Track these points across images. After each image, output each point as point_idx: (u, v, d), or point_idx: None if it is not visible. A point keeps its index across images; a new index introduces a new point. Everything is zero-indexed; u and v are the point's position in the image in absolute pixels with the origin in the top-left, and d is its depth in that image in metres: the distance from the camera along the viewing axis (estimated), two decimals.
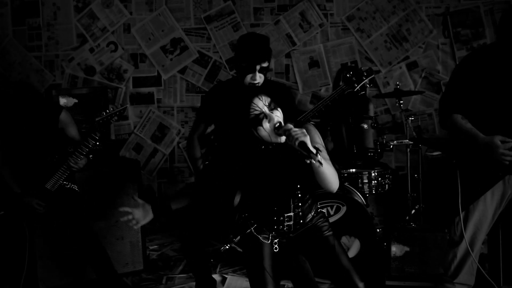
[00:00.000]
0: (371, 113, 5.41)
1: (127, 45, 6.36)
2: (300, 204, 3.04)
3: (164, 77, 6.42)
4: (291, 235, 3.10)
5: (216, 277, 4.72)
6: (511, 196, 3.64)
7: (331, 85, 6.11)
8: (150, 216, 3.02)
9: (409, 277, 4.35)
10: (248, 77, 3.91)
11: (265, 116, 2.82)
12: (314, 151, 2.67)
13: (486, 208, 3.67)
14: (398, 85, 5.36)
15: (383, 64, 6.27)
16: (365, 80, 4.27)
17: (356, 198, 4.66)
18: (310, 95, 6.33)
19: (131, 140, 6.44)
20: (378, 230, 5.14)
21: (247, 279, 4.62)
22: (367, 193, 5.00)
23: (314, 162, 2.66)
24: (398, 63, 6.28)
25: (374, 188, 4.99)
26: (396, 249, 4.41)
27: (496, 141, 3.46)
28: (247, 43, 3.99)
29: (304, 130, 2.72)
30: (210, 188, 3.14)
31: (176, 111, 6.41)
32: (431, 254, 4.35)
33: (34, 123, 4.06)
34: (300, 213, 3.05)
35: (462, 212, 3.68)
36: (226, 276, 4.78)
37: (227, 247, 5.14)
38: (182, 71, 6.41)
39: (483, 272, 3.80)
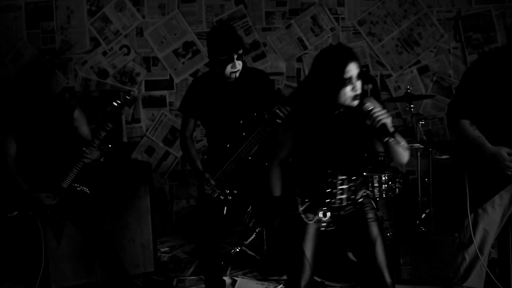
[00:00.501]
0: None
1: (140, 48, 6.41)
2: (354, 178, 3.12)
3: (176, 80, 6.46)
4: (342, 212, 3.16)
5: (227, 279, 4.73)
6: None
7: None
8: None
9: (419, 281, 4.35)
10: (229, 67, 3.97)
11: (351, 82, 2.91)
12: (392, 130, 2.88)
13: (495, 211, 3.66)
14: (409, 89, 5.37)
15: (394, 68, 6.29)
16: None
17: None
18: None
19: (143, 143, 6.48)
20: (388, 234, 5.14)
21: (257, 282, 4.67)
22: (377, 197, 5.01)
23: (392, 139, 2.88)
24: (410, 67, 6.32)
25: (384, 192, 5.00)
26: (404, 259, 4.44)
27: (502, 153, 3.47)
28: (218, 36, 4.01)
29: (385, 111, 2.91)
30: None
31: None
32: (441, 258, 4.35)
33: (50, 119, 4.06)
34: (353, 188, 3.13)
35: (471, 214, 3.68)
36: (236, 278, 4.79)
37: (237, 250, 5.17)
38: (194, 75, 6.43)
39: (491, 276, 3.79)
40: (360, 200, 3.17)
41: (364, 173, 3.26)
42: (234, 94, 4.05)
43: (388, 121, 2.89)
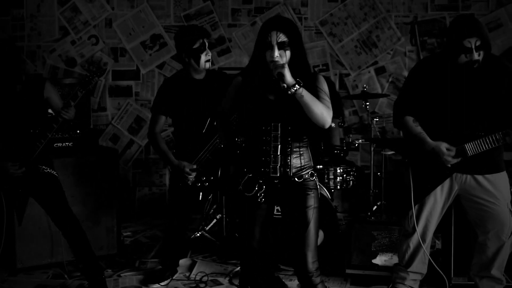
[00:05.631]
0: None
1: (108, 39, 6.55)
2: (289, 149, 3.15)
3: (142, 71, 6.61)
4: (276, 181, 3.17)
5: (187, 261, 4.95)
6: (458, 191, 3.91)
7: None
8: None
9: (368, 266, 4.55)
10: (203, 56, 4.31)
11: (271, 47, 3.07)
12: (291, 82, 2.94)
13: (436, 203, 3.91)
14: (365, 87, 5.64)
15: (353, 67, 6.53)
16: None
17: (322, 192, 4.86)
18: None
19: (108, 131, 6.63)
20: (342, 224, 5.40)
21: (216, 264, 4.90)
22: (332, 189, 5.24)
23: (294, 91, 2.94)
24: (367, 67, 6.51)
25: (339, 184, 5.22)
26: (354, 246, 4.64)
27: (442, 148, 3.75)
28: (187, 29, 4.46)
29: (284, 64, 3.00)
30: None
31: None
32: (387, 245, 4.57)
33: (20, 96, 4.08)
34: (288, 160, 3.15)
35: (414, 206, 3.98)
36: (196, 260, 5.00)
37: (198, 235, 5.38)
38: (160, 66, 6.61)
39: (433, 263, 4.05)
40: (297, 179, 3.18)
41: (302, 149, 3.22)
42: (202, 92, 4.36)
43: (283, 71, 2.95)
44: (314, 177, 3.24)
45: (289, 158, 3.15)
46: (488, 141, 3.71)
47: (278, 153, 3.13)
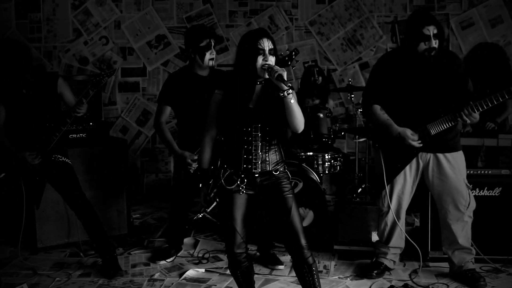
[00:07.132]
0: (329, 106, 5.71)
1: (117, 39, 6.56)
2: (267, 147, 3.18)
3: (149, 68, 6.62)
4: (256, 176, 3.19)
5: (190, 240, 5.00)
6: (422, 169, 3.98)
7: (294, 80, 6.42)
8: None
9: (353, 242, 4.60)
10: (208, 54, 4.29)
11: (263, 53, 3.08)
12: (289, 84, 2.97)
13: (406, 181, 3.99)
14: (350, 81, 5.67)
15: (339, 63, 6.55)
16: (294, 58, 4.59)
17: (312, 176, 4.91)
18: None
19: (118, 123, 6.65)
20: (330, 205, 5.44)
21: (217, 242, 4.94)
22: (321, 173, 5.26)
23: (286, 94, 2.96)
24: (352, 63, 6.53)
25: (327, 169, 5.25)
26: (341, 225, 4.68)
27: (407, 133, 3.84)
28: (196, 28, 4.42)
29: (284, 68, 3.01)
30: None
31: None
32: (370, 223, 4.62)
33: (36, 91, 4.11)
34: (267, 157, 3.18)
35: (387, 186, 4.03)
36: (199, 239, 5.04)
37: (200, 216, 5.42)
38: (165, 64, 6.62)
39: (408, 237, 4.11)
40: (274, 172, 3.20)
41: (277, 147, 3.25)
42: (205, 89, 4.34)
43: (283, 73, 2.96)
44: (286, 169, 3.30)
45: (268, 154, 3.20)
46: (446, 119, 3.80)
47: (259, 151, 3.17)
